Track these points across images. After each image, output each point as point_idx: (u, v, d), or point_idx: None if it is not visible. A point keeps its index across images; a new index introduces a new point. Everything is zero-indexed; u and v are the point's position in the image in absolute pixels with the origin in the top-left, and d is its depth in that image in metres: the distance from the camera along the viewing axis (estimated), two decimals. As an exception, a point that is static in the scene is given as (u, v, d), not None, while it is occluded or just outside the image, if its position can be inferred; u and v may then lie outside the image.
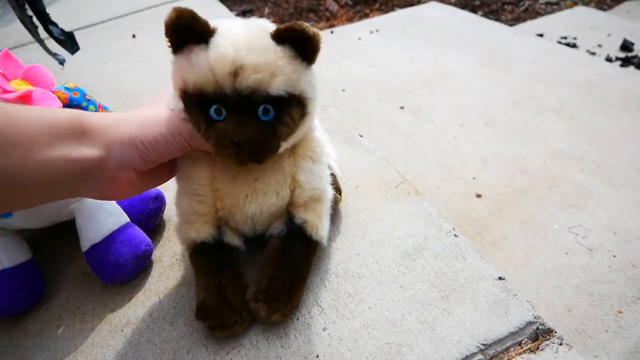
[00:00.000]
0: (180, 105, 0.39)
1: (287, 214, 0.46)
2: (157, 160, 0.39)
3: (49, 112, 0.34)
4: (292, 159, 0.45)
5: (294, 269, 0.44)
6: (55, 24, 0.93)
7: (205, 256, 0.45)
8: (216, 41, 0.37)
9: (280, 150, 0.42)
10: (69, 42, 0.95)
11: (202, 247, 0.45)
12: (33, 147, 0.31)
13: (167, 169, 0.44)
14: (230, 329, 0.42)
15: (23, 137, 0.31)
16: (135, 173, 0.38)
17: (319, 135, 0.49)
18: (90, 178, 0.35)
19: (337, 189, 0.55)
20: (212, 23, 0.38)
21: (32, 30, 0.91)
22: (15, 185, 0.31)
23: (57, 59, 0.94)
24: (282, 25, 0.37)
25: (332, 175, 0.53)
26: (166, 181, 0.45)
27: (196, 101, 0.37)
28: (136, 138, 0.36)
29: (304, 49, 0.38)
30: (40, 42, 0.93)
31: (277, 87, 0.37)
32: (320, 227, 0.46)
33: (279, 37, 0.37)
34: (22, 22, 0.90)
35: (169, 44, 0.38)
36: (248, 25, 0.39)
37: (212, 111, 0.37)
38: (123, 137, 0.36)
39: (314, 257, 0.47)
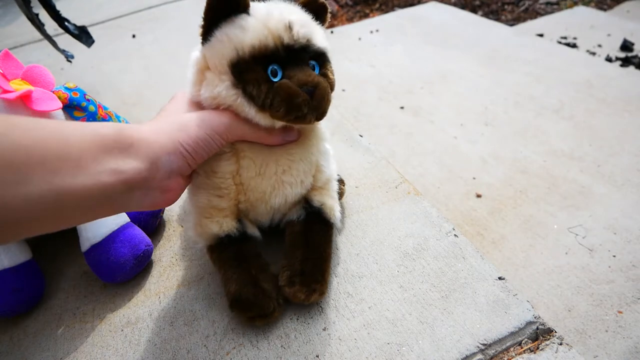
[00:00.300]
0: (225, 82, 0.38)
1: (305, 198, 0.47)
2: (200, 163, 0.40)
3: (94, 125, 0.34)
4: (316, 145, 0.46)
5: (320, 250, 0.46)
6: (68, 20, 0.94)
7: (231, 249, 0.44)
8: (256, 8, 0.38)
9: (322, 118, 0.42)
10: (83, 36, 0.97)
11: (226, 240, 0.44)
12: (82, 162, 0.31)
13: None
14: (271, 317, 0.43)
15: (73, 152, 0.30)
16: (183, 178, 0.39)
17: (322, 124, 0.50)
18: (141, 189, 0.35)
19: (341, 180, 0.57)
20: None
21: (40, 27, 0.91)
22: (67, 202, 0.30)
23: (66, 55, 0.96)
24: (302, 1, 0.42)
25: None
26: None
27: (253, 65, 0.37)
28: (180, 146, 0.37)
29: (320, 16, 0.43)
30: (49, 38, 0.94)
31: (321, 41, 0.40)
32: (335, 208, 0.48)
33: (303, 8, 0.42)
34: (30, 20, 0.91)
35: (205, 17, 0.38)
36: (276, 0, 0.42)
37: (269, 72, 0.37)
38: (168, 146, 0.36)
39: (333, 235, 0.49)
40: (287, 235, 0.47)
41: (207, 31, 0.39)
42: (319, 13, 0.43)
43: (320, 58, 0.41)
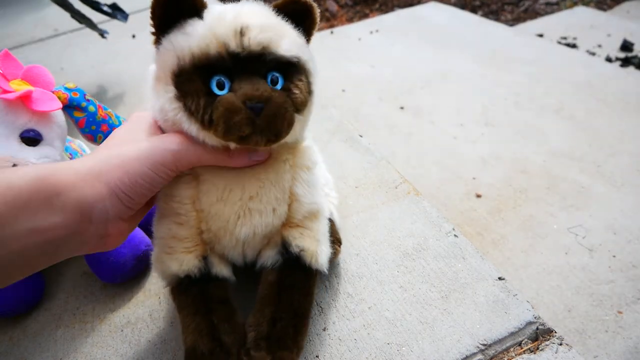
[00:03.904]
0: (169, 94, 0.33)
1: (282, 241, 0.40)
2: (144, 202, 0.35)
3: (8, 176, 0.28)
4: (292, 171, 0.40)
5: (295, 306, 0.38)
6: (99, 2, 0.98)
7: (191, 292, 0.38)
8: (211, 10, 0.34)
9: (292, 136, 0.36)
10: (117, 13, 1.00)
11: (186, 281, 0.38)
12: None
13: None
14: None
15: None
16: (124, 221, 0.34)
17: (311, 144, 0.44)
18: (72, 242, 0.31)
19: (337, 240, 0.48)
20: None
21: (71, 9, 0.95)
22: None
23: (101, 32, 1.01)
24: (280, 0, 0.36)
25: (331, 221, 0.47)
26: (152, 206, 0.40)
27: (194, 75, 0.32)
28: (116, 188, 0.32)
29: (303, 21, 0.37)
30: (83, 18, 0.97)
31: (288, 48, 0.34)
32: (319, 253, 0.40)
33: (277, 10, 0.36)
34: (60, 4, 0.94)
35: (153, 23, 0.34)
36: (243, 2, 0.36)
37: (213, 84, 0.32)
38: (102, 192, 0.31)
39: (315, 287, 0.41)
40: (260, 284, 0.40)
41: (158, 38, 0.34)
42: (302, 16, 0.36)
43: (287, 69, 0.34)
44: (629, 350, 0.58)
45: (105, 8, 0.99)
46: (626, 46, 1.36)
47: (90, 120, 0.50)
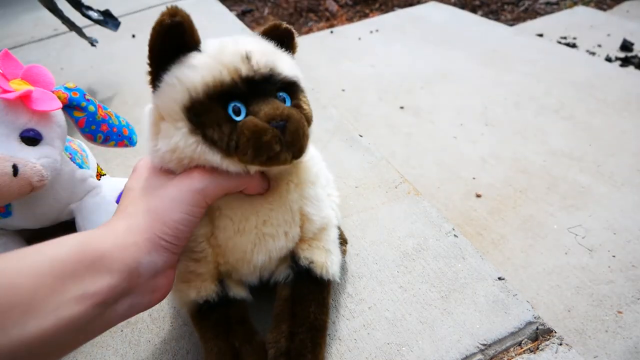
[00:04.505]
0: (182, 129, 0.33)
1: (291, 254, 0.41)
2: (185, 242, 0.35)
3: (51, 249, 0.29)
4: (298, 190, 0.40)
5: (311, 319, 0.39)
6: (91, 8, 0.95)
7: (211, 316, 0.39)
8: (208, 44, 0.34)
9: (306, 153, 0.36)
10: (109, 21, 0.97)
11: (205, 306, 0.39)
12: (34, 303, 0.26)
13: None
14: None
15: (20, 295, 0.26)
16: (172, 268, 0.34)
17: (309, 157, 0.43)
18: (123, 302, 0.31)
19: (343, 240, 0.49)
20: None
21: (62, 16, 0.93)
22: (22, 356, 0.26)
23: (91, 41, 0.98)
24: (264, 27, 0.38)
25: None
26: None
27: (211, 104, 0.32)
28: (159, 240, 0.32)
29: (286, 45, 0.38)
30: (72, 26, 0.96)
31: (289, 68, 0.35)
32: (330, 263, 0.41)
33: (265, 37, 0.38)
34: (51, 10, 0.92)
35: (151, 62, 0.33)
36: (235, 36, 0.37)
37: (230, 111, 0.32)
38: (146, 246, 0.32)
39: (330, 297, 0.41)
40: (275, 302, 0.41)
41: (156, 77, 0.34)
42: (284, 40, 0.38)
43: (291, 88, 0.36)
44: (628, 350, 0.58)
45: (96, 15, 0.95)
46: (626, 46, 1.36)
47: (90, 120, 0.50)
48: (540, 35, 1.51)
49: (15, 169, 0.40)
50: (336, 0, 1.96)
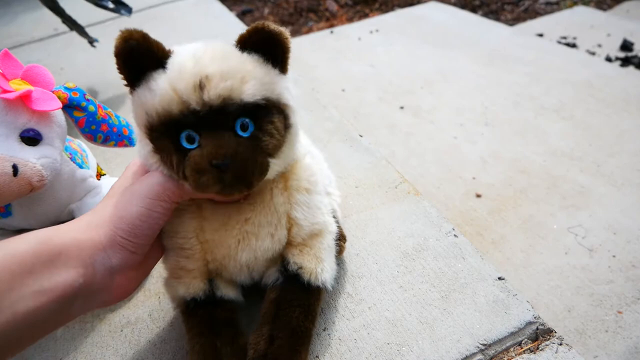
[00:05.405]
0: (148, 147, 0.34)
1: (282, 258, 0.41)
2: (148, 243, 0.34)
3: (11, 245, 0.29)
4: (286, 194, 0.40)
5: (293, 324, 0.38)
6: None
7: (197, 314, 0.39)
8: (174, 60, 0.33)
9: (272, 173, 0.36)
10: (121, 8, 0.97)
11: (192, 303, 0.39)
12: None
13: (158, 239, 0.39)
14: None
15: None
16: (132, 269, 0.34)
17: (311, 162, 0.43)
18: (80, 298, 0.31)
19: (342, 237, 0.48)
20: (170, 47, 0.35)
21: (62, 14, 0.94)
22: None
23: (90, 40, 0.99)
24: (245, 31, 0.34)
25: (334, 218, 0.46)
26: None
27: (164, 131, 0.32)
28: (115, 236, 0.32)
29: (273, 51, 0.34)
30: (73, 24, 0.96)
31: (251, 92, 0.32)
32: (320, 270, 0.40)
33: (243, 44, 0.34)
34: (51, 8, 0.93)
35: (123, 78, 0.33)
36: (208, 42, 0.35)
37: (183, 140, 0.32)
38: (102, 241, 0.32)
39: (319, 305, 0.41)
40: (262, 304, 0.40)
41: (131, 82, 0.34)
42: (270, 45, 0.34)
43: (257, 112, 0.33)
44: (629, 350, 0.58)
45: (109, 4, 0.96)
46: (626, 46, 1.36)
47: (90, 120, 0.50)
48: (540, 35, 1.51)
49: (15, 169, 0.40)
50: (336, 0, 1.96)
